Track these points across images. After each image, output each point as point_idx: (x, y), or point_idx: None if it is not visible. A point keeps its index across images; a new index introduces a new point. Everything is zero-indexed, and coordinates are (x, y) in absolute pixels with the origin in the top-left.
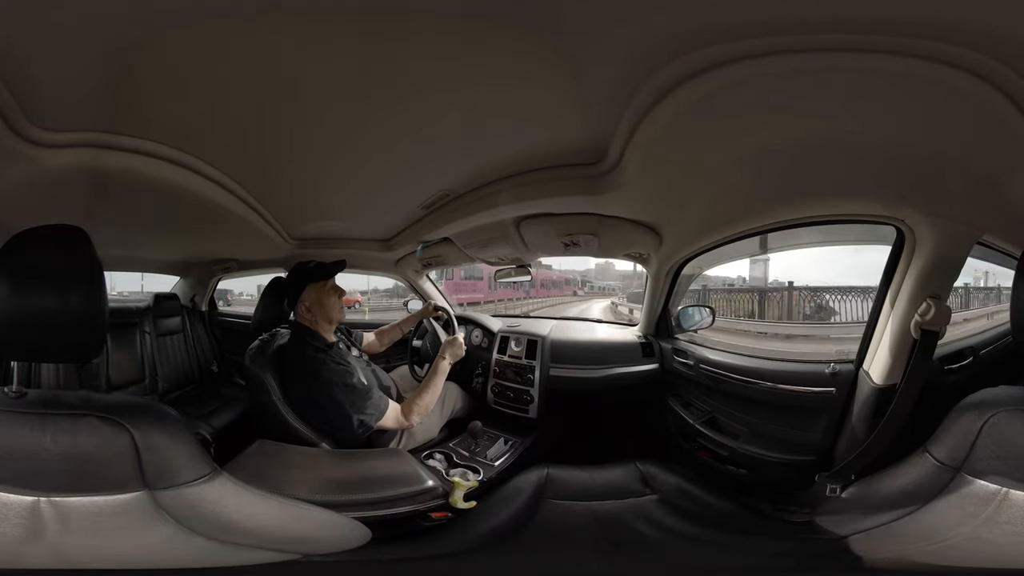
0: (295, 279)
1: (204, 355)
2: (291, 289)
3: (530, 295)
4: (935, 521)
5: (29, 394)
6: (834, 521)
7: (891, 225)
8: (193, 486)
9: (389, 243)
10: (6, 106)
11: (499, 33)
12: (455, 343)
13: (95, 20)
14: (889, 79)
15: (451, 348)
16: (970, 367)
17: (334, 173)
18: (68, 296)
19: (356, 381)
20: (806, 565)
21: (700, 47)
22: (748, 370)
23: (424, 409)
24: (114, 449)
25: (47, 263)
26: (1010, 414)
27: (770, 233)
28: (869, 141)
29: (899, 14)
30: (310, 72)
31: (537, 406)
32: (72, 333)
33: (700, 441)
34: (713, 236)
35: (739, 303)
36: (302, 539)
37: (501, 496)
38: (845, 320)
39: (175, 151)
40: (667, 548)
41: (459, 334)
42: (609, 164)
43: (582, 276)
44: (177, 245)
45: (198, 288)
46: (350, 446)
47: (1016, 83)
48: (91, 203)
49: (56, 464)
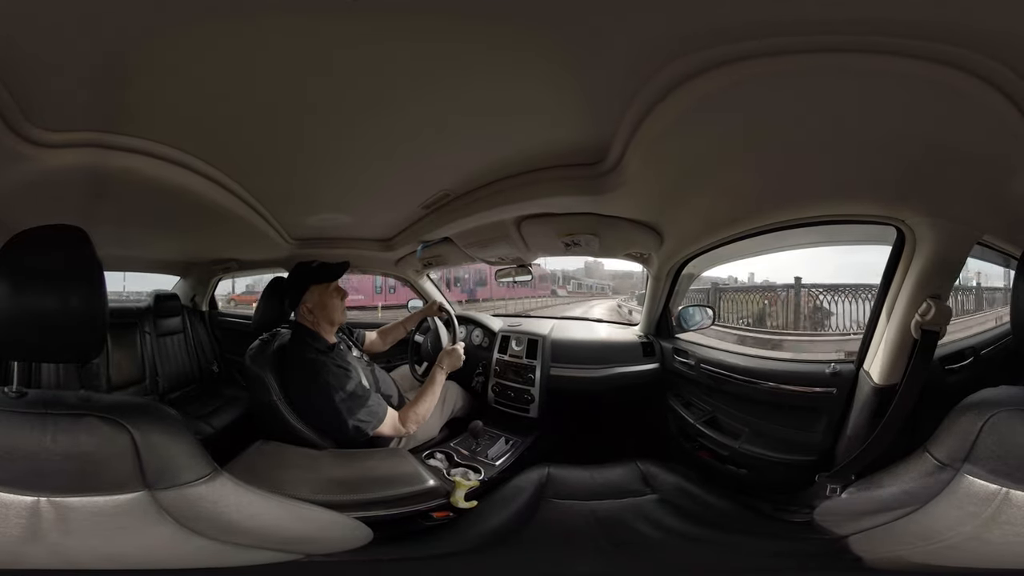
0: (297, 279)
1: (204, 355)
2: (293, 290)
3: (476, 296)
4: (935, 521)
5: (29, 394)
6: (834, 521)
7: (891, 225)
8: (193, 486)
9: (389, 243)
10: (5, 106)
11: (499, 32)
12: (454, 354)
13: (95, 19)
14: (890, 80)
15: (449, 359)
16: (970, 367)
17: (335, 172)
18: (68, 296)
19: (356, 387)
20: (806, 565)
21: (701, 47)
22: (749, 370)
23: (421, 418)
24: (114, 449)
25: (47, 263)
26: (1010, 414)
27: (771, 233)
28: (869, 141)
29: (899, 14)
30: (310, 71)
31: (538, 406)
32: (72, 333)
33: (701, 441)
34: (714, 236)
35: (744, 304)
36: (304, 539)
37: (502, 496)
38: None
39: (175, 151)
40: (667, 548)
41: (459, 345)
42: (610, 164)
43: (565, 273)
44: (177, 245)
45: (198, 288)
46: (349, 446)
47: (1016, 83)
48: (91, 203)
49: (56, 464)
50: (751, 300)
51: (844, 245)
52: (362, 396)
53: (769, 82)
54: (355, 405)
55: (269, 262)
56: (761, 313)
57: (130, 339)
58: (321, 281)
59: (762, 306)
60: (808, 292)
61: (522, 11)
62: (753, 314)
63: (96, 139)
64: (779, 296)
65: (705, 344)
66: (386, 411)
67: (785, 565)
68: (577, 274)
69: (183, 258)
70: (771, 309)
